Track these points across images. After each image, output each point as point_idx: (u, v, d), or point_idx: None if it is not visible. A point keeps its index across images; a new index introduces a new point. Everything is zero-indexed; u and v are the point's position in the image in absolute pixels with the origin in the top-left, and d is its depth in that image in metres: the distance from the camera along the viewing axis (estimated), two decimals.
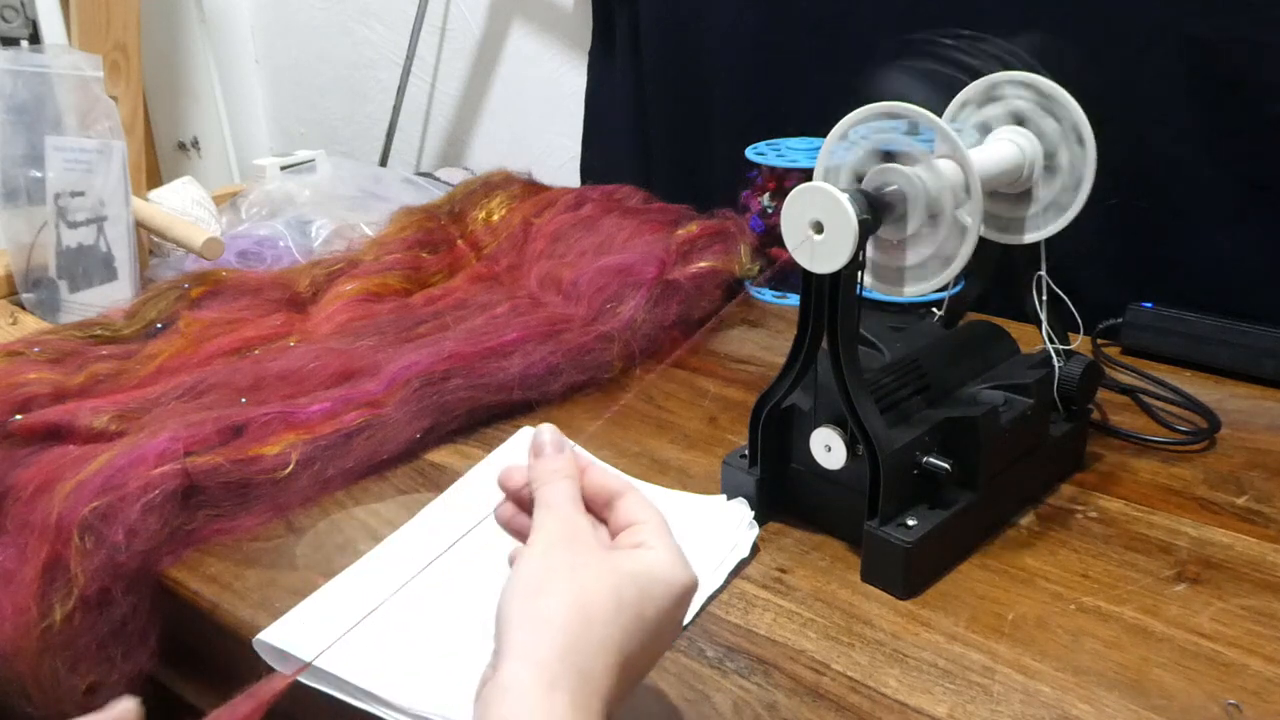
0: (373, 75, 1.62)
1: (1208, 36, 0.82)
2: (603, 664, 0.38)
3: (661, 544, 0.43)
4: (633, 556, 0.42)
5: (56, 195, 1.01)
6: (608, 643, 0.39)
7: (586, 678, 0.37)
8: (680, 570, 0.42)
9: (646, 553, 0.43)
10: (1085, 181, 0.64)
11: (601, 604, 0.39)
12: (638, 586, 0.41)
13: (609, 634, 0.39)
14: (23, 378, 0.76)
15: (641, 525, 0.44)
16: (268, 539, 0.65)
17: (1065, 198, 0.65)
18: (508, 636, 0.39)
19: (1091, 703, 0.50)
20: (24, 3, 1.38)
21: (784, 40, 1.08)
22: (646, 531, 0.44)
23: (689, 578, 0.43)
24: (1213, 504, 0.66)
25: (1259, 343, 0.81)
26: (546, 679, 0.36)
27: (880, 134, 0.59)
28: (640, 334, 0.87)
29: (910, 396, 0.62)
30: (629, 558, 0.42)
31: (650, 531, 0.44)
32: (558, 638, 0.38)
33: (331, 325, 0.89)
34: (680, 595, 0.42)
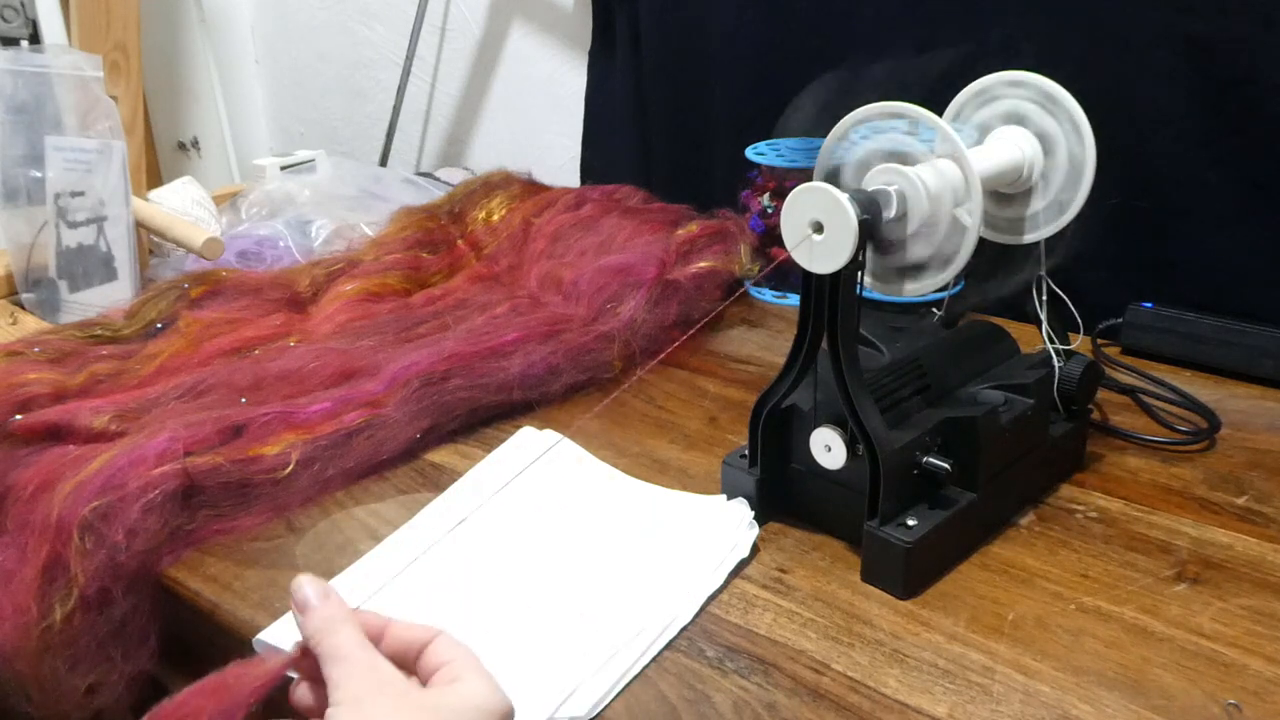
0: (373, 75, 1.62)
1: (1208, 36, 0.82)
2: None
3: (476, 676, 0.42)
4: (451, 692, 0.42)
5: (56, 195, 1.01)
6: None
7: None
8: (497, 698, 0.42)
9: (463, 686, 0.42)
10: (1085, 181, 0.64)
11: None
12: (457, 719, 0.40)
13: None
14: (23, 378, 0.76)
15: (453, 662, 0.43)
16: (268, 539, 0.65)
17: (1065, 197, 0.65)
18: None
19: (1091, 703, 0.50)
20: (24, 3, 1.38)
21: (784, 40, 1.08)
22: (460, 666, 0.43)
23: (505, 705, 0.42)
24: (1213, 504, 0.66)
25: (1259, 343, 0.81)
26: None
27: (880, 134, 0.59)
28: (640, 334, 0.86)
29: (910, 396, 0.62)
30: (448, 694, 0.42)
31: (463, 666, 0.43)
32: None
33: (331, 325, 0.89)
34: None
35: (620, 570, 0.59)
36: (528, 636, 0.54)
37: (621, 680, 0.51)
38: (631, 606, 0.56)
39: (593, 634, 0.54)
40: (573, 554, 0.61)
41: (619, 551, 0.61)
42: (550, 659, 0.52)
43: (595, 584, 0.58)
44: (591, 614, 0.55)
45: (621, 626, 0.54)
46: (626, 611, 0.55)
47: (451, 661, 0.43)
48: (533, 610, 0.56)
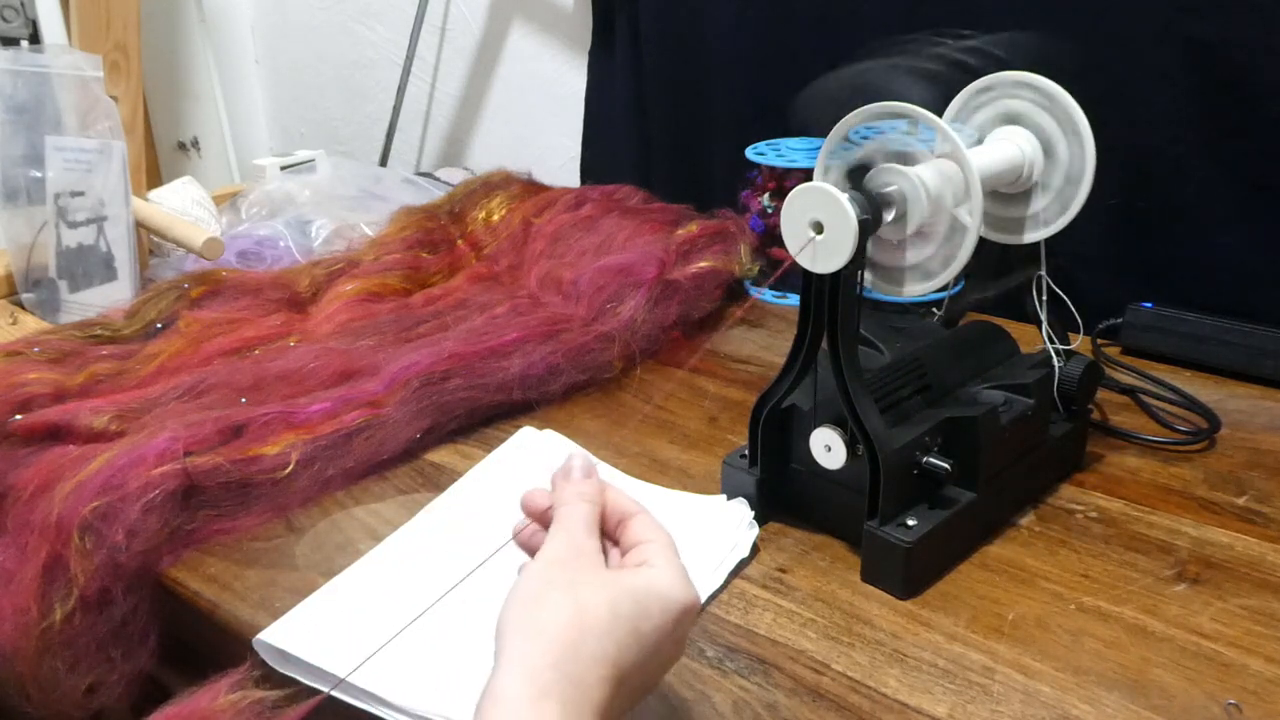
0: (373, 75, 1.62)
1: (1208, 37, 0.82)
2: (596, 675, 0.38)
3: (665, 563, 0.43)
4: (634, 574, 0.43)
5: (56, 195, 1.01)
6: (602, 655, 0.39)
7: (579, 688, 0.38)
8: (680, 589, 0.43)
9: (648, 570, 0.43)
10: (1085, 181, 0.64)
11: (597, 617, 0.40)
12: (635, 602, 0.41)
13: (603, 646, 0.39)
14: (23, 378, 0.76)
15: (647, 545, 0.45)
16: (268, 539, 0.65)
17: (1065, 198, 0.65)
18: (504, 645, 0.39)
19: (1091, 703, 0.50)
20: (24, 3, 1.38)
21: (784, 40, 1.08)
22: (651, 551, 0.44)
23: (689, 597, 0.43)
24: (1213, 504, 0.66)
25: (1259, 343, 0.81)
26: (538, 687, 0.37)
27: (880, 134, 0.59)
28: (640, 334, 0.87)
29: (910, 396, 0.62)
30: (630, 575, 0.43)
31: (655, 551, 0.44)
32: (551, 648, 0.38)
33: (331, 325, 0.89)
34: (679, 613, 0.42)
35: None
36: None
37: None
38: None
39: None
40: None
41: None
42: None
43: None
44: None
45: None
46: None
47: (646, 544, 0.45)
48: None
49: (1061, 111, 0.64)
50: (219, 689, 0.48)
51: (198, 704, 0.47)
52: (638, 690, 0.43)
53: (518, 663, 0.38)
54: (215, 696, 0.48)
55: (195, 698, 0.48)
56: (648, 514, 0.47)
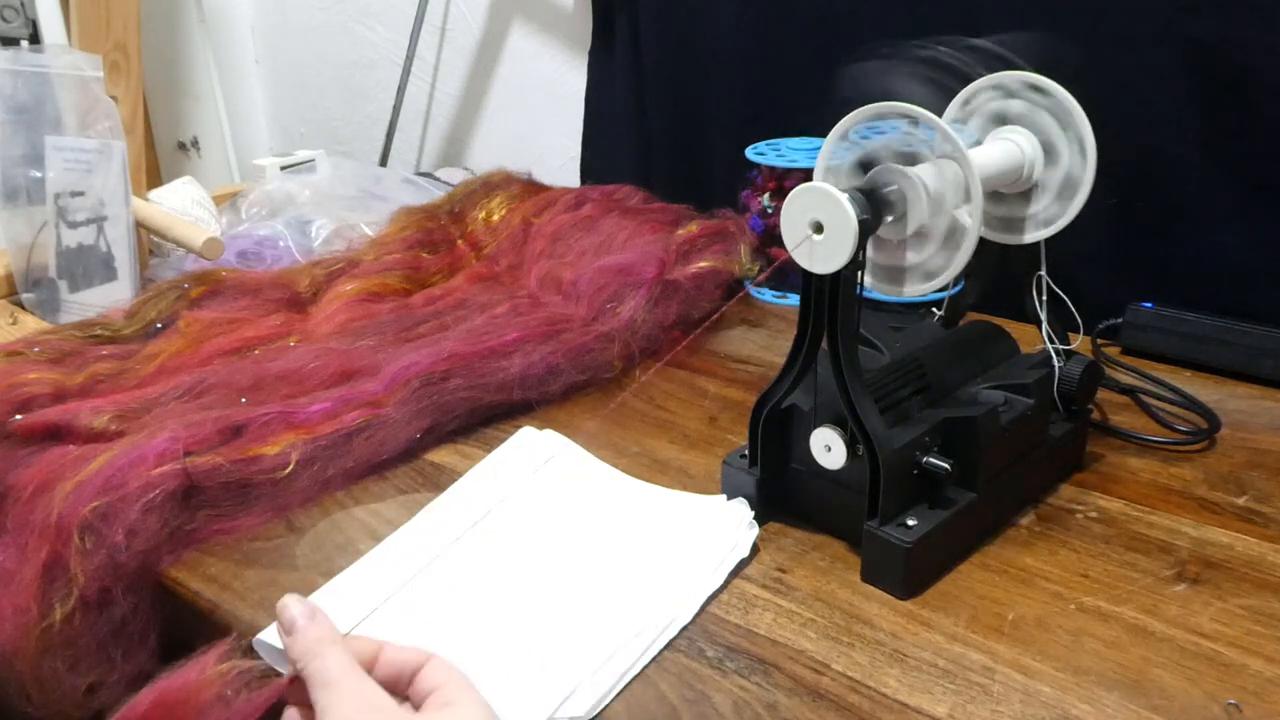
0: (373, 75, 1.62)
1: (1208, 37, 0.82)
2: None
3: (468, 699, 0.42)
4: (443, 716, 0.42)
5: (56, 195, 1.01)
6: None
7: None
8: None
9: (455, 710, 0.42)
10: (1085, 182, 0.64)
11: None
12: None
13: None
14: (23, 378, 0.76)
15: (446, 686, 0.43)
16: (268, 539, 0.65)
17: (1065, 198, 0.65)
18: None
19: (1091, 703, 0.50)
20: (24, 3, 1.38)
21: (784, 40, 1.08)
22: (453, 690, 0.43)
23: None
24: (1213, 504, 0.66)
25: (1259, 343, 0.81)
26: None
27: (880, 134, 0.59)
28: (640, 334, 0.87)
29: (910, 396, 0.62)
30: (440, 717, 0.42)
31: (457, 690, 0.43)
32: None
33: (331, 325, 0.89)
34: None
35: (620, 570, 0.59)
36: (528, 636, 0.54)
37: (621, 680, 0.51)
38: (631, 606, 0.56)
39: (592, 634, 0.54)
40: (572, 554, 0.61)
41: (619, 551, 0.61)
42: (550, 659, 0.52)
43: (595, 584, 0.58)
44: (591, 614, 0.55)
45: (621, 626, 0.54)
46: (626, 611, 0.55)
47: (444, 685, 0.43)
48: (532, 610, 0.56)
49: (1062, 111, 0.64)
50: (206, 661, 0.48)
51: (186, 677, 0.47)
52: None
53: None
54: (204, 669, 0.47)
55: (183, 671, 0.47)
56: (437, 657, 0.45)
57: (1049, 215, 0.66)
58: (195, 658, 0.49)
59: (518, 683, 0.49)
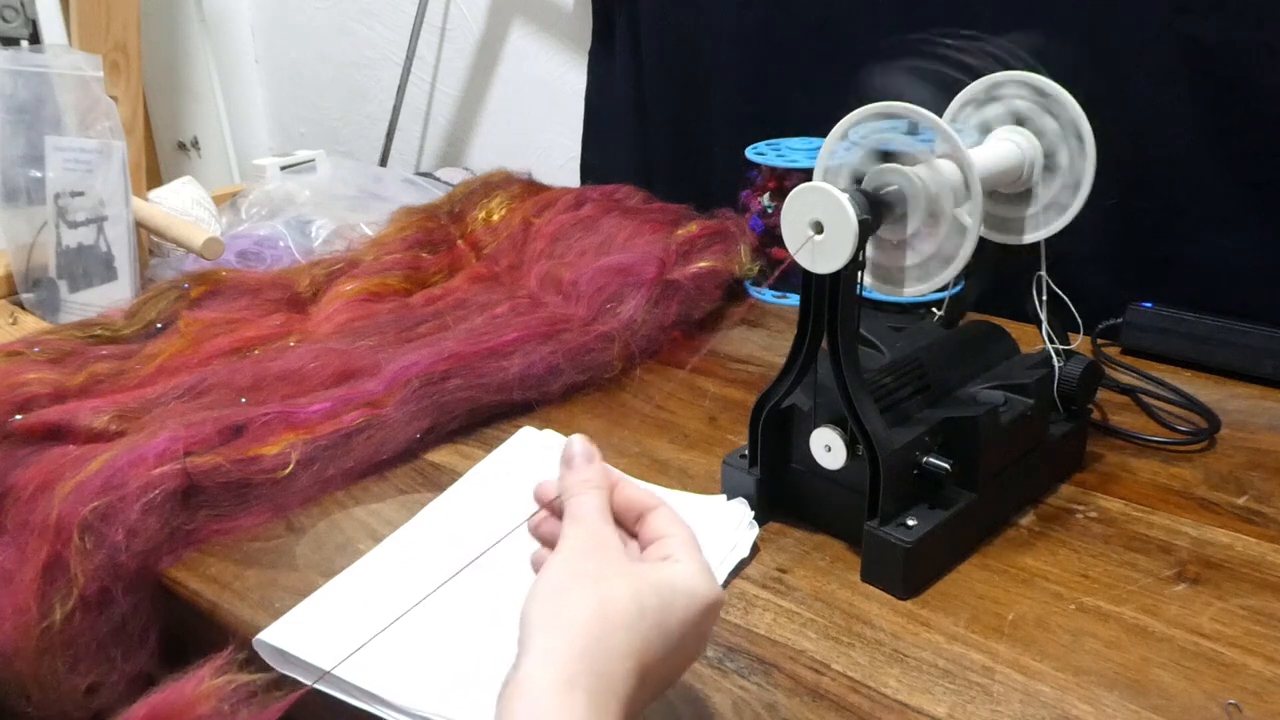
0: (373, 75, 1.62)
1: (1208, 36, 0.82)
2: (622, 668, 0.39)
3: (688, 558, 0.44)
4: (658, 568, 0.43)
5: (56, 195, 1.01)
6: (627, 648, 0.39)
7: (605, 679, 0.38)
8: (704, 584, 0.43)
9: (673, 565, 0.43)
10: (1085, 181, 0.64)
11: (622, 610, 0.40)
12: (660, 596, 0.41)
13: (629, 639, 0.39)
14: (23, 378, 0.76)
15: (669, 539, 0.45)
16: (268, 539, 0.65)
17: (1065, 198, 0.65)
18: (528, 637, 0.39)
19: (1091, 703, 0.50)
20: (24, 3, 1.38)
21: (784, 40, 1.08)
22: (674, 545, 0.44)
23: (714, 593, 0.43)
24: (1213, 504, 0.66)
25: (1259, 343, 0.81)
26: (564, 678, 0.37)
27: (880, 134, 0.59)
28: (640, 334, 0.87)
29: (910, 396, 0.62)
30: (654, 569, 0.43)
31: (678, 545, 0.44)
32: (577, 640, 0.38)
33: (331, 325, 0.89)
34: (704, 609, 0.42)
35: None
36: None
37: None
38: None
39: None
40: None
41: None
42: None
43: None
44: None
45: None
46: None
47: (668, 538, 0.45)
48: None
49: (1062, 111, 0.64)
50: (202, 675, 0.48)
51: (181, 690, 0.47)
52: (662, 683, 0.43)
53: (543, 654, 0.38)
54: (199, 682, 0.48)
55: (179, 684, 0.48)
56: (667, 507, 0.47)
57: (1049, 215, 0.66)
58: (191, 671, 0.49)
59: None
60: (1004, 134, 0.65)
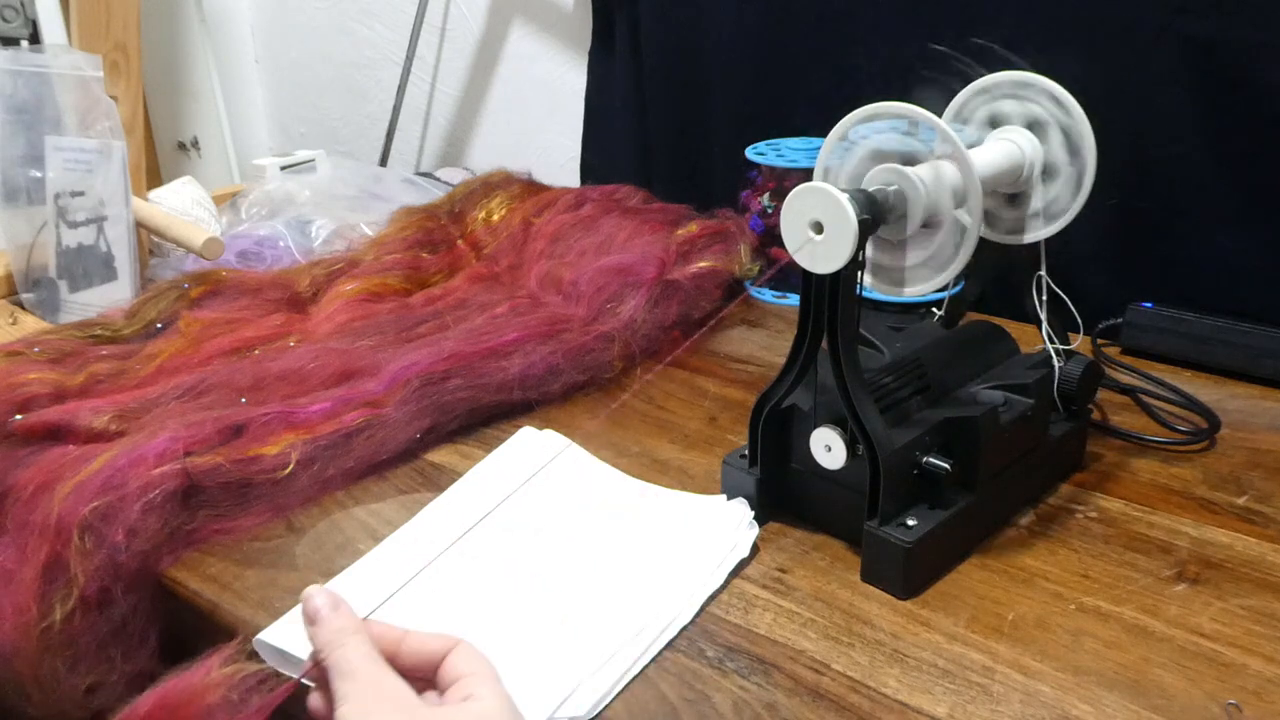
0: (373, 75, 1.62)
1: (1208, 36, 0.82)
2: None
3: (491, 693, 0.42)
4: (463, 710, 0.41)
5: (56, 195, 1.01)
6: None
7: None
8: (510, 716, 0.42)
9: (475, 704, 0.42)
10: (1085, 181, 0.64)
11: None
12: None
13: None
14: (23, 378, 0.76)
15: (470, 677, 0.43)
16: (268, 539, 0.65)
17: (1065, 198, 0.65)
18: None
19: (1091, 703, 0.50)
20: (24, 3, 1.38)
21: (784, 40, 1.08)
22: (475, 683, 0.43)
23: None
24: (1213, 504, 0.66)
25: (1259, 343, 0.81)
26: None
27: (880, 134, 0.59)
28: (640, 334, 0.87)
29: (910, 396, 0.62)
30: (459, 712, 0.41)
31: (479, 682, 0.43)
32: None
33: (331, 325, 0.89)
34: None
35: (620, 570, 0.59)
36: (528, 636, 0.54)
37: (621, 680, 0.51)
38: (631, 606, 0.56)
39: (593, 634, 0.54)
40: (573, 553, 0.61)
41: (619, 551, 0.61)
42: (550, 659, 0.52)
43: (595, 584, 0.58)
44: (591, 614, 0.55)
45: (621, 626, 0.54)
46: (626, 611, 0.55)
47: (468, 676, 0.43)
48: (533, 610, 0.56)
49: (1061, 111, 0.64)
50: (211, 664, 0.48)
51: (191, 680, 0.47)
52: None
53: None
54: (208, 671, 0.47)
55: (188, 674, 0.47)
56: (465, 644, 0.45)
57: (1049, 215, 0.66)
58: (200, 660, 0.49)
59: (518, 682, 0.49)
60: (1004, 134, 0.65)
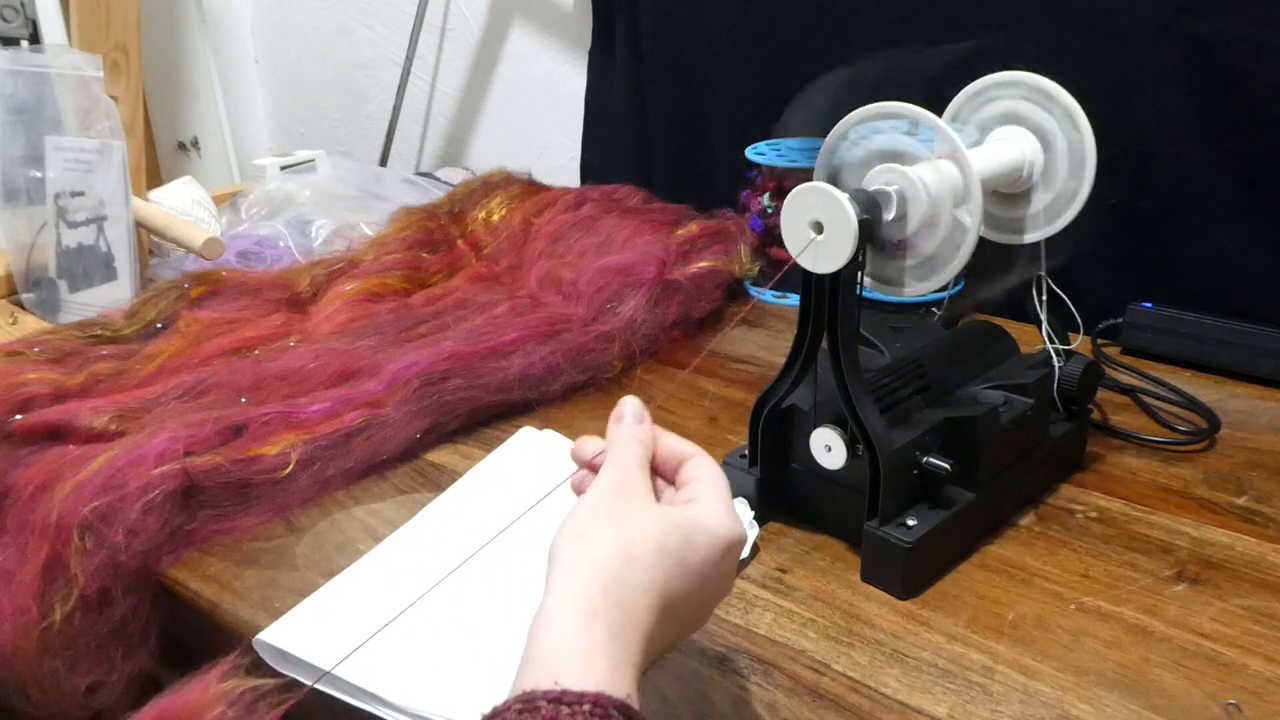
0: (373, 75, 1.62)
1: (1208, 37, 0.82)
2: (644, 602, 0.40)
3: (712, 499, 0.45)
4: (681, 509, 0.44)
5: (56, 195, 1.01)
6: (649, 584, 0.40)
7: (626, 613, 0.39)
8: (725, 523, 0.44)
9: (695, 506, 0.44)
10: (1085, 182, 0.64)
11: (644, 548, 0.41)
12: (682, 535, 0.42)
13: (651, 576, 0.41)
14: (23, 378, 0.76)
15: (697, 483, 0.46)
16: (268, 539, 0.65)
17: (1065, 198, 0.65)
18: (554, 572, 0.41)
19: (1091, 703, 0.50)
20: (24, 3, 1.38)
21: (784, 40, 1.08)
22: (700, 488, 0.46)
23: (733, 531, 0.44)
24: (1213, 504, 0.66)
25: (1259, 343, 0.81)
26: (586, 611, 0.39)
27: (880, 134, 0.59)
28: (640, 334, 0.87)
29: (910, 396, 0.62)
30: (678, 511, 0.44)
31: (703, 488, 0.46)
32: (599, 575, 0.40)
33: (331, 325, 0.89)
34: (724, 547, 0.44)
35: None
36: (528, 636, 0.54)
37: None
38: None
39: None
40: None
41: None
42: None
43: None
44: None
45: None
46: None
47: (695, 481, 0.46)
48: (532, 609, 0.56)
49: (1061, 111, 0.64)
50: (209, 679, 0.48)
51: (189, 695, 0.47)
52: (687, 622, 0.44)
53: (567, 587, 0.40)
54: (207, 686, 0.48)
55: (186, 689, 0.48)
56: (702, 455, 0.48)
57: (1049, 215, 0.66)
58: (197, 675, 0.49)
59: None
60: (1004, 134, 0.65)
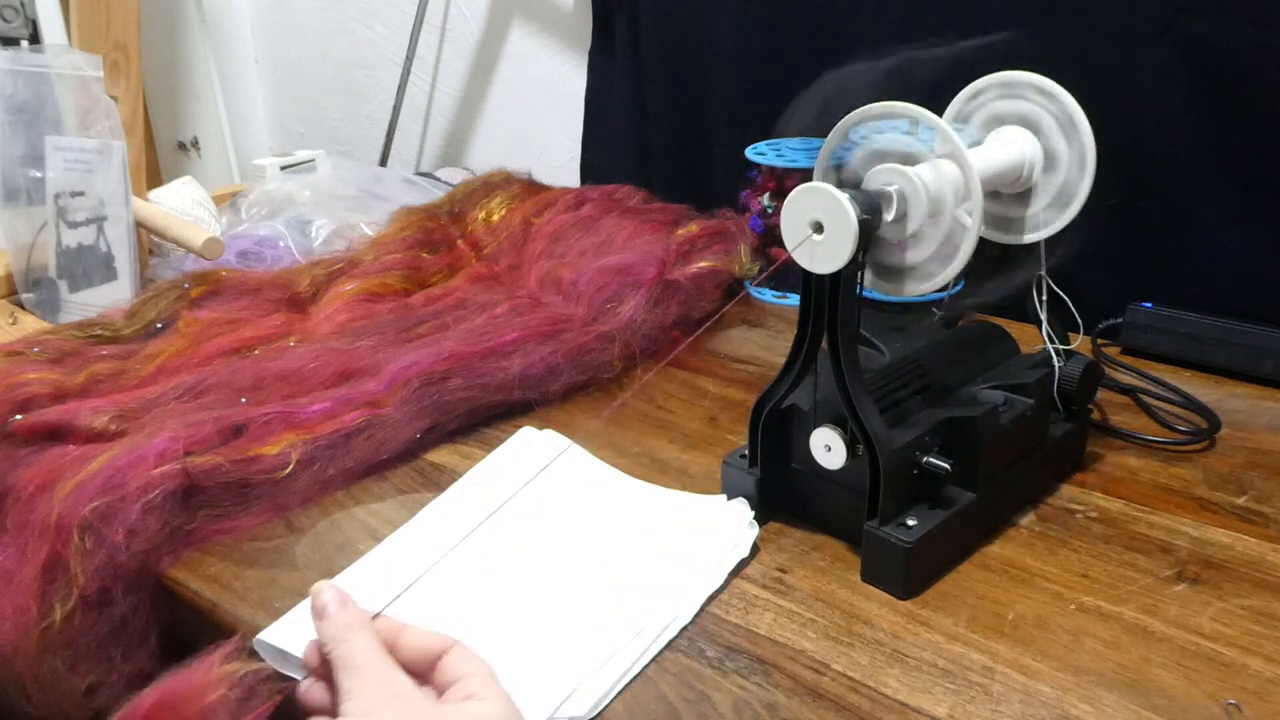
0: (373, 75, 1.62)
1: (1208, 36, 0.82)
2: None
3: (492, 694, 0.42)
4: (464, 710, 0.41)
5: (56, 195, 1.01)
6: None
7: None
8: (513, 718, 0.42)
9: (478, 704, 0.42)
10: (1085, 182, 0.64)
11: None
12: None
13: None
14: (23, 378, 0.76)
15: (470, 677, 0.43)
16: (268, 539, 0.65)
17: (1065, 197, 0.65)
18: None
19: (1091, 703, 0.50)
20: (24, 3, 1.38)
21: (784, 40, 1.08)
22: (476, 683, 0.43)
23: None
24: (1213, 504, 0.66)
25: (1259, 343, 0.81)
26: None
27: (880, 134, 0.59)
28: (640, 334, 0.87)
29: (910, 396, 0.62)
30: (460, 711, 0.41)
31: (480, 683, 0.43)
32: None
33: (331, 325, 0.89)
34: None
35: (620, 570, 0.59)
36: (528, 636, 0.54)
37: (621, 680, 0.51)
38: (632, 606, 0.56)
39: (593, 634, 0.54)
40: (573, 553, 0.61)
41: (619, 551, 0.61)
42: (550, 658, 0.52)
43: (595, 583, 0.58)
44: (592, 613, 0.55)
45: (621, 626, 0.54)
46: (626, 611, 0.55)
47: (468, 677, 0.43)
48: (533, 609, 0.56)
49: (1062, 111, 0.64)
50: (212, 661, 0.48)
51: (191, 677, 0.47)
52: None
53: None
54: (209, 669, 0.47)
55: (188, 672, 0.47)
56: (462, 645, 0.45)
57: (1049, 215, 0.66)
58: (200, 657, 0.49)
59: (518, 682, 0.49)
60: (1004, 134, 0.65)
